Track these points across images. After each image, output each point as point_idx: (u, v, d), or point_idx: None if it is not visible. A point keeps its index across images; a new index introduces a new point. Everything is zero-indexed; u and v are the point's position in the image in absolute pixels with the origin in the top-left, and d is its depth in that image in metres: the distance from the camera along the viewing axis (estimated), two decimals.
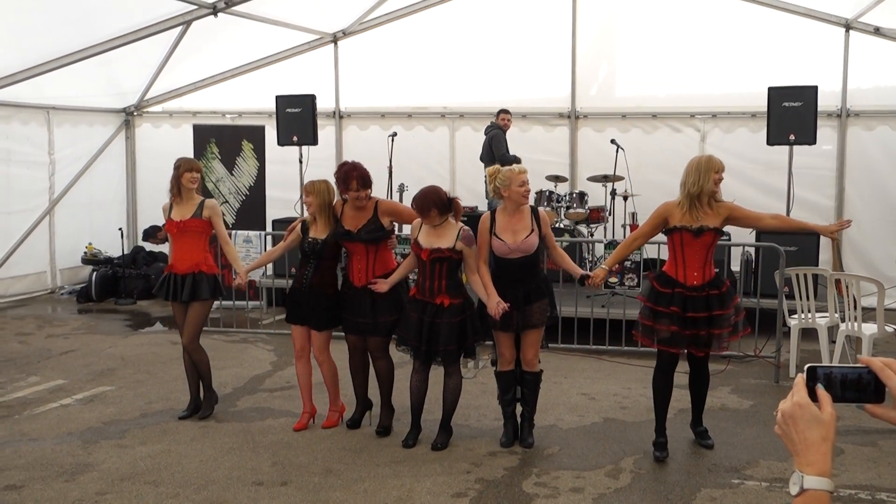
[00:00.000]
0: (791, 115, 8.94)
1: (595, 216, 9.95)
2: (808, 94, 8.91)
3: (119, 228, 11.76)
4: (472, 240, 5.55)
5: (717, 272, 5.53)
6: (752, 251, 8.93)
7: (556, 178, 10.30)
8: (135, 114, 12.69)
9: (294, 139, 10.35)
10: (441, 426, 5.79)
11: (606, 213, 10.03)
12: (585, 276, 5.61)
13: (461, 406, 5.96)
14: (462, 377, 5.86)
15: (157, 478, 5.21)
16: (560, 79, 11.24)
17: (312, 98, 10.35)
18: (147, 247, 11.92)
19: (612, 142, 10.12)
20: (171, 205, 6.28)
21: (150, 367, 7.86)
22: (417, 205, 5.50)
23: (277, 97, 10.44)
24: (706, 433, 5.73)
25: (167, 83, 12.16)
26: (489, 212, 5.74)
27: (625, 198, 10.11)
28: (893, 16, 9.64)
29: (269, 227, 10.24)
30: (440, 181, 11.13)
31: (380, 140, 10.98)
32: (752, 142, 10.39)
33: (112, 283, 11.32)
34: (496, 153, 9.97)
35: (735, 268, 9.18)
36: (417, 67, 11.61)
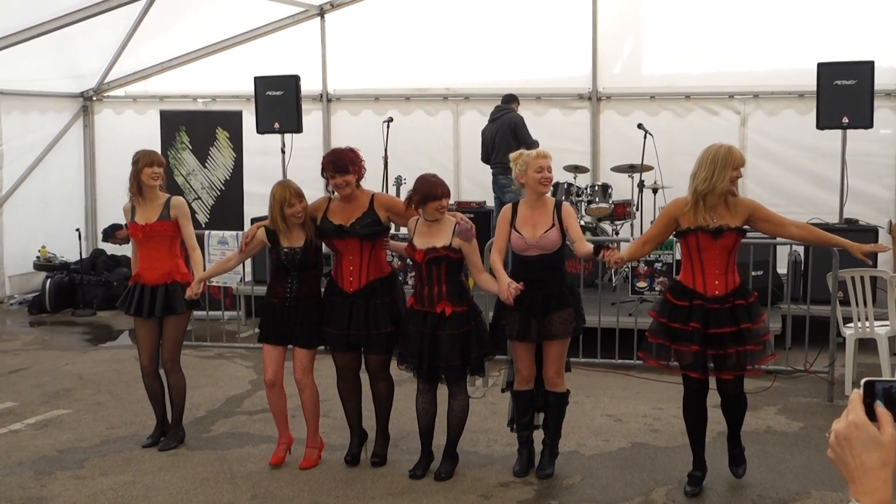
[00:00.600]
0: (844, 95, 8.91)
1: (620, 212, 9.94)
2: (864, 71, 8.88)
3: (76, 229, 11.75)
4: (470, 233, 5.50)
5: (742, 282, 5.38)
6: (801, 251, 8.90)
7: (576, 169, 10.28)
8: (94, 99, 12.72)
9: (275, 126, 10.35)
10: (445, 453, 5.77)
11: (633, 208, 10.01)
12: (602, 246, 5.37)
13: (469, 430, 5.95)
14: (469, 397, 5.84)
15: None
16: (579, 55, 11.22)
17: (296, 79, 10.35)
18: (108, 250, 11.92)
19: (640, 126, 10.10)
20: (133, 206, 6.20)
21: (113, 388, 7.86)
22: (443, 189, 5.48)
23: (256, 79, 10.44)
24: (741, 456, 5.55)
25: (130, 64, 12.18)
26: (511, 203, 5.75)
27: (654, 190, 10.08)
28: None
29: (248, 227, 10.23)
30: (443, 172, 11.01)
31: (373, 126, 10.97)
32: (800, 125, 10.36)
33: (69, 292, 11.33)
34: (525, 140, 9.96)
35: (782, 270, 9.16)
36: (416, 43, 11.61)
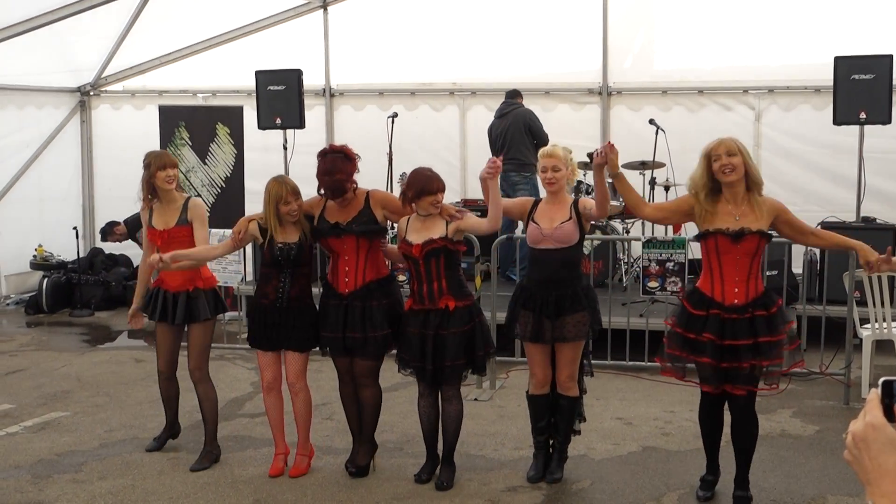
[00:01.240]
0: (862, 90, 8.90)
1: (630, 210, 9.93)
2: (882, 65, 8.88)
3: (74, 228, 11.79)
4: (462, 212, 5.57)
5: (767, 290, 5.21)
6: (817, 250, 8.89)
7: (586, 166, 10.27)
8: (91, 93, 12.75)
9: (277, 122, 10.37)
10: (443, 461, 5.74)
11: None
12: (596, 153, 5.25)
13: (476, 433, 5.97)
14: (471, 401, 5.82)
15: None
16: (589, 49, 11.23)
17: (298, 73, 10.37)
18: (106, 248, 11.96)
19: (651, 122, 10.11)
20: (151, 210, 6.10)
21: (111, 390, 7.89)
22: (439, 184, 5.49)
23: (258, 73, 10.46)
24: (746, 501, 5.27)
25: (129, 58, 12.22)
26: (536, 199, 5.79)
27: (666, 188, 10.08)
28: None
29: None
30: (449, 169, 11.17)
31: (378, 122, 10.99)
32: (817, 121, 10.35)
33: (66, 292, 11.37)
34: (540, 135, 9.99)
35: (797, 269, 9.16)
36: (422, 36, 11.61)
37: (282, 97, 10.33)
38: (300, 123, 10.44)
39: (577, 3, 11.16)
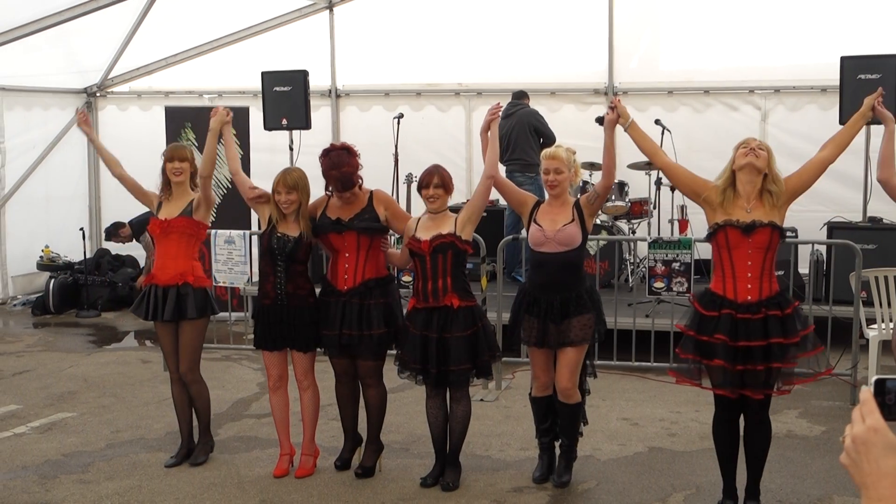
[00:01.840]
0: (868, 90, 8.80)
1: (637, 210, 9.94)
2: (889, 65, 8.86)
3: (80, 229, 11.79)
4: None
5: (782, 290, 5.02)
6: (823, 250, 8.88)
7: (591, 166, 10.27)
8: (97, 94, 12.79)
9: (283, 122, 10.38)
10: (448, 461, 5.73)
11: (650, 207, 10.01)
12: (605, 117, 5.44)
13: (482, 433, 5.97)
14: (477, 401, 5.81)
15: None
16: (595, 49, 11.23)
17: (304, 74, 10.38)
18: (112, 249, 11.99)
19: (657, 122, 10.10)
20: (160, 202, 6.12)
21: (118, 390, 7.91)
22: (441, 178, 5.56)
23: (264, 74, 10.47)
24: None
25: (135, 59, 12.24)
26: (539, 199, 5.70)
27: (672, 188, 10.07)
28: None
29: (255, 226, 10.26)
30: (455, 169, 11.03)
31: (384, 122, 11.00)
32: (823, 121, 10.31)
33: (73, 293, 11.40)
34: (546, 133, 10.00)
35: (803, 269, 9.14)
36: (427, 37, 11.63)
37: (288, 98, 10.34)
38: (306, 124, 10.45)
39: (583, 4, 11.16)
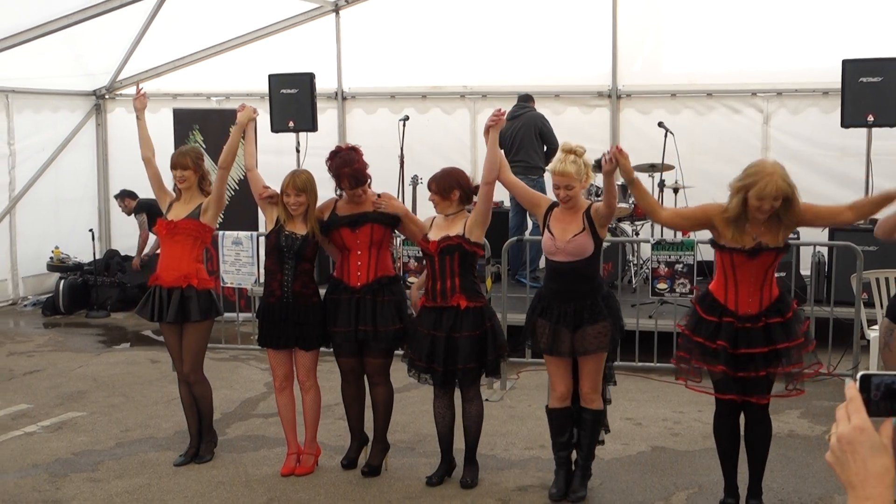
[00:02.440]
0: (870, 93, 8.90)
1: (640, 212, 9.94)
2: (890, 68, 8.86)
3: (90, 230, 11.81)
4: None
5: (782, 293, 5.04)
6: (825, 251, 8.90)
7: (595, 168, 10.29)
8: (106, 97, 12.83)
9: (290, 125, 10.40)
10: (466, 460, 5.74)
11: None
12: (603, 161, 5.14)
13: (486, 433, 5.98)
14: (483, 401, 5.82)
15: None
16: (599, 52, 11.23)
17: (311, 77, 10.40)
18: (121, 250, 12.04)
19: (660, 125, 10.11)
20: (171, 203, 6.15)
21: (127, 390, 7.94)
22: (437, 184, 5.55)
23: (270, 76, 10.50)
24: None
25: (143, 62, 12.26)
26: (553, 202, 5.54)
27: (675, 190, 10.09)
28: None
29: (262, 227, 10.27)
30: None
31: (389, 125, 11.00)
32: (825, 124, 10.34)
33: (82, 293, 11.43)
34: (550, 139, 10.02)
35: (805, 271, 9.15)
36: (433, 40, 11.63)
37: (294, 100, 10.36)
38: (313, 126, 10.47)
39: (587, 8, 11.16)
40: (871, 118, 8.92)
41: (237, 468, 6.03)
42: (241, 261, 8.51)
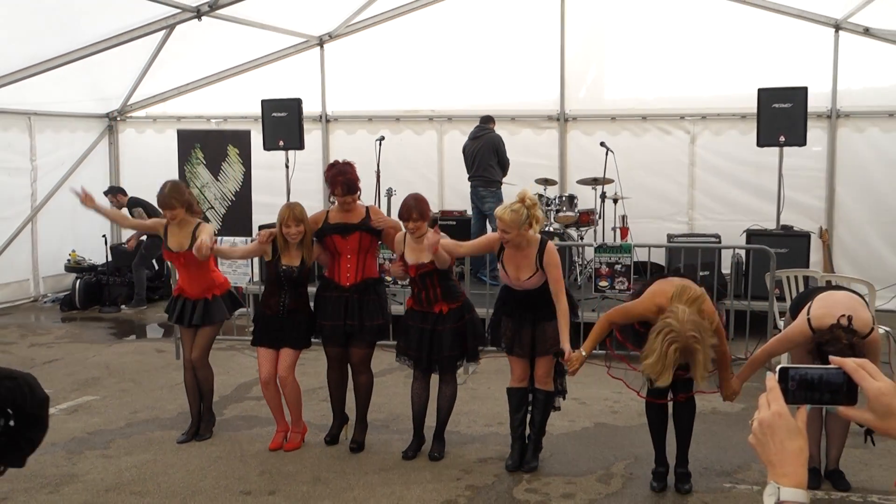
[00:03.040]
0: (781, 117, 9.00)
1: (585, 219, 9.99)
2: (798, 96, 8.97)
3: (103, 236, 11.68)
4: (436, 242, 5.23)
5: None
6: (743, 253, 8.98)
7: (546, 182, 10.33)
8: (118, 119, 12.68)
9: (280, 144, 10.35)
10: (436, 435, 5.77)
11: (596, 217, 10.07)
12: (561, 353, 5.17)
13: (452, 412, 5.97)
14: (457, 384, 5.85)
15: (143, 488, 5.22)
16: (549, 81, 11.27)
17: (298, 102, 10.36)
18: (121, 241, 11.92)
19: (602, 144, 10.16)
20: (166, 231, 6.02)
21: (136, 376, 7.85)
22: (418, 212, 5.41)
23: (263, 101, 10.44)
24: (686, 476, 5.19)
25: (151, 88, 12.15)
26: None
27: (615, 200, 10.16)
28: (883, 16, 9.72)
29: (256, 233, 10.21)
30: (429, 185, 11.19)
31: (367, 144, 10.98)
32: (743, 143, 10.44)
33: (96, 291, 11.30)
34: (503, 159, 10.05)
35: (726, 270, 9.24)
36: (405, 70, 11.63)
37: (284, 122, 10.31)
38: (300, 145, 10.42)
39: (539, 41, 11.19)
40: (783, 139, 9.03)
41: (233, 445, 5.98)
42: (237, 262, 8.43)
